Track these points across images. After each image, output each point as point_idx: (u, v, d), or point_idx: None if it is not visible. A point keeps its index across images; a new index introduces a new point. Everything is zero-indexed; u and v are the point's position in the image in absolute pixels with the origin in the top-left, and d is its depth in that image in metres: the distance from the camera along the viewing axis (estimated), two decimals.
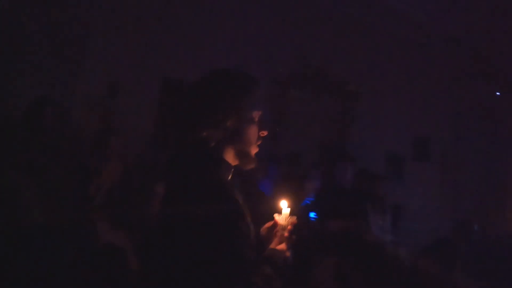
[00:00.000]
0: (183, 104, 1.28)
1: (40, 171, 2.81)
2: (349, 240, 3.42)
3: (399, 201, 4.78)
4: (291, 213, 1.30)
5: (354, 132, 5.23)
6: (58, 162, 3.01)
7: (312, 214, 3.11)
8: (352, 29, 5.46)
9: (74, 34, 3.85)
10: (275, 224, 1.30)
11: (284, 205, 1.31)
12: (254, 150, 1.28)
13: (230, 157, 1.25)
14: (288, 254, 1.24)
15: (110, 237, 2.87)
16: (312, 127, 4.75)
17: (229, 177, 1.26)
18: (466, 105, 6.45)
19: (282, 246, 1.24)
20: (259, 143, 1.28)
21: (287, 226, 1.28)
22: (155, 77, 4.22)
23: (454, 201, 6.16)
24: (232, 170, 1.26)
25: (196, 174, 1.16)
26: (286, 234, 1.27)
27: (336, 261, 3.50)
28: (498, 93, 6.96)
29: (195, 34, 4.44)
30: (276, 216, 1.31)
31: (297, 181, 3.68)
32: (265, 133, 1.28)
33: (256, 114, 1.25)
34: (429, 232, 4.73)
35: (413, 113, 5.87)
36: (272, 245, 1.25)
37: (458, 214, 5.80)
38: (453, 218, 5.49)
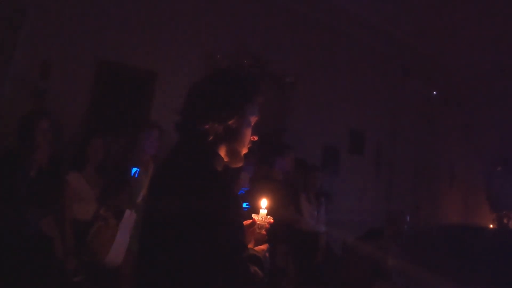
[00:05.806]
0: (194, 94, 1.34)
1: None
2: (283, 229, 3.37)
3: (334, 192, 4.81)
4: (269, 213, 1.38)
5: (290, 123, 5.21)
6: None
7: (244, 204, 3.04)
8: (293, 22, 5.44)
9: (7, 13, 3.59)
10: (253, 223, 1.39)
11: (263, 204, 1.38)
12: (244, 151, 1.38)
13: (222, 153, 1.33)
14: (267, 254, 1.34)
15: (40, 225, 2.82)
16: None
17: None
18: (402, 102, 6.68)
19: (263, 247, 1.34)
20: (249, 146, 1.39)
21: (265, 225, 1.37)
22: (91, 60, 3.98)
23: (388, 194, 6.35)
24: (223, 165, 1.35)
25: (193, 162, 1.23)
26: (263, 232, 1.37)
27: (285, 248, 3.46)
28: (434, 92, 7.30)
29: (134, 19, 4.26)
30: (254, 215, 1.39)
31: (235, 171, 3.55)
32: (255, 138, 1.39)
33: (253, 119, 1.38)
34: (363, 223, 4.80)
35: (350, 107, 5.96)
36: (251, 245, 1.33)
37: (392, 207, 5.99)
38: (387, 210, 5.65)
